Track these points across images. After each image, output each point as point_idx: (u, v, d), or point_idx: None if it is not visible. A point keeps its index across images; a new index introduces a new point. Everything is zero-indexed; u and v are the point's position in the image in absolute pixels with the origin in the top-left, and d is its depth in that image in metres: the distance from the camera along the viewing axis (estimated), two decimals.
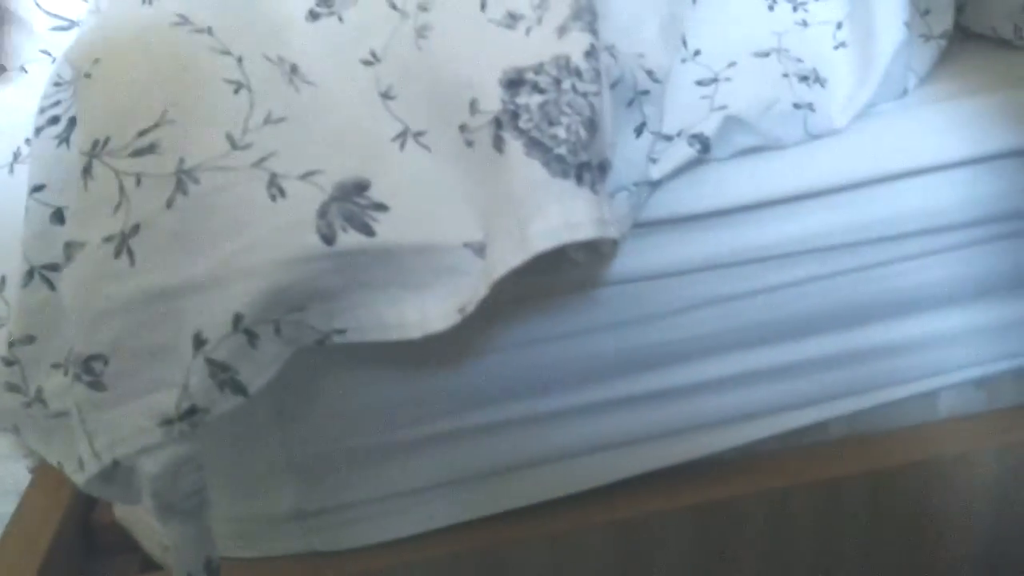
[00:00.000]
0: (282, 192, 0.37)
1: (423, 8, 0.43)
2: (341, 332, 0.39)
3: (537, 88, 0.39)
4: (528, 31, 0.42)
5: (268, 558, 0.48)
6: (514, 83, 0.39)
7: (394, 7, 0.44)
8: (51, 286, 0.41)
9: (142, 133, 0.37)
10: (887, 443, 0.54)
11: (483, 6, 0.43)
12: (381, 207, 0.38)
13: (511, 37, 0.42)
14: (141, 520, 0.50)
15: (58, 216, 0.41)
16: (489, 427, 0.48)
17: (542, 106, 0.38)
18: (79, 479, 0.38)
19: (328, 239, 0.37)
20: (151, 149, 0.37)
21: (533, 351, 0.46)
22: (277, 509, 0.47)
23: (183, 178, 0.36)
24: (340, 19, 0.44)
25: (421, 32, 0.42)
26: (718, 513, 0.51)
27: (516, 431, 0.48)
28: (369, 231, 0.37)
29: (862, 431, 0.54)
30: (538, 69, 0.39)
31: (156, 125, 0.37)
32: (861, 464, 0.52)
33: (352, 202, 0.38)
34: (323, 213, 0.37)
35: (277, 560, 0.48)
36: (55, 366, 0.42)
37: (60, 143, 0.41)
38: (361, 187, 0.38)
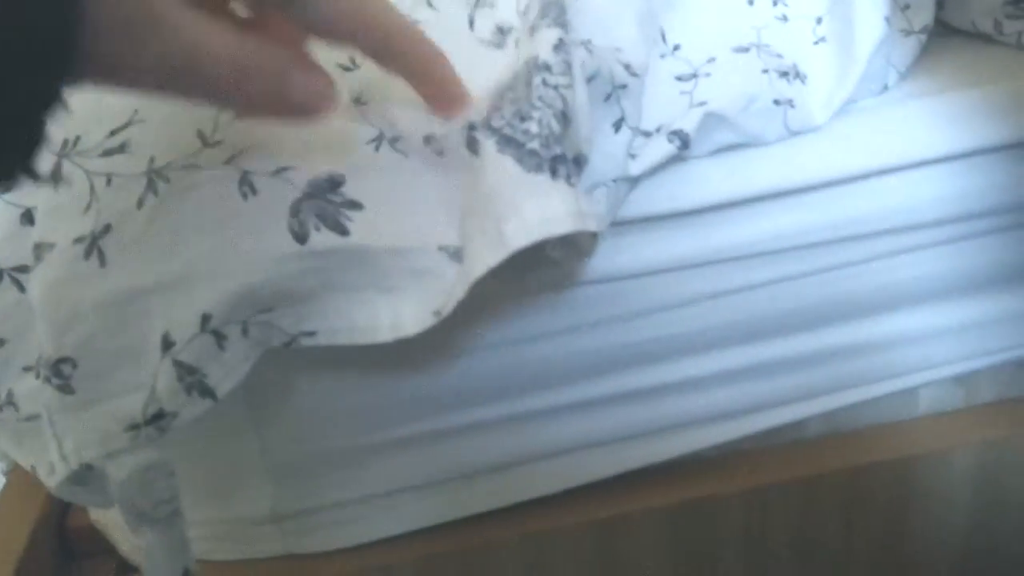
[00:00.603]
0: (254, 190, 0.36)
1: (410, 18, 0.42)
2: (311, 334, 0.38)
3: (514, 96, 0.38)
4: (517, 43, 0.41)
5: (244, 561, 0.48)
6: (496, 105, 0.38)
7: None
8: (21, 288, 0.40)
9: (113, 133, 0.37)
10: (865, 440, 0.54)
11: (471, 23, 0.42)
12: (355, 205, 0.37)
13: (500, 59, 0.41)
14: (117, 523, 0.50)
15: (28, 217, 0.40)
16: (467, 428, 0.47)
17: (514, 104, 0.38)
18: (51, 483, 0.37)
19: (301, 238, 0.36)
20: (121, 149, 0.36)
21: (510, 352, 0.46)
22: (253, 511, 0.47)
23: (154, 178, 0.36)
24: None
25: None
26: (696, 512, 0.51)
27: (493, 432, 0.48)
28: (343, 230, 0.37)
29: (841, 428, 0.54)
30: (515, 79, 0.38)
31: (127, 124, 0.37)
32: (840, 461, 0.52)
33: (326, 199, 0.37)
34: (296, 211, 0.36)
35: (253, 563, 0.48)
36: (26, 369, 0.42)
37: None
38: (335, 183, 0.37)
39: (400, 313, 0.38)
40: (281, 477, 0.46)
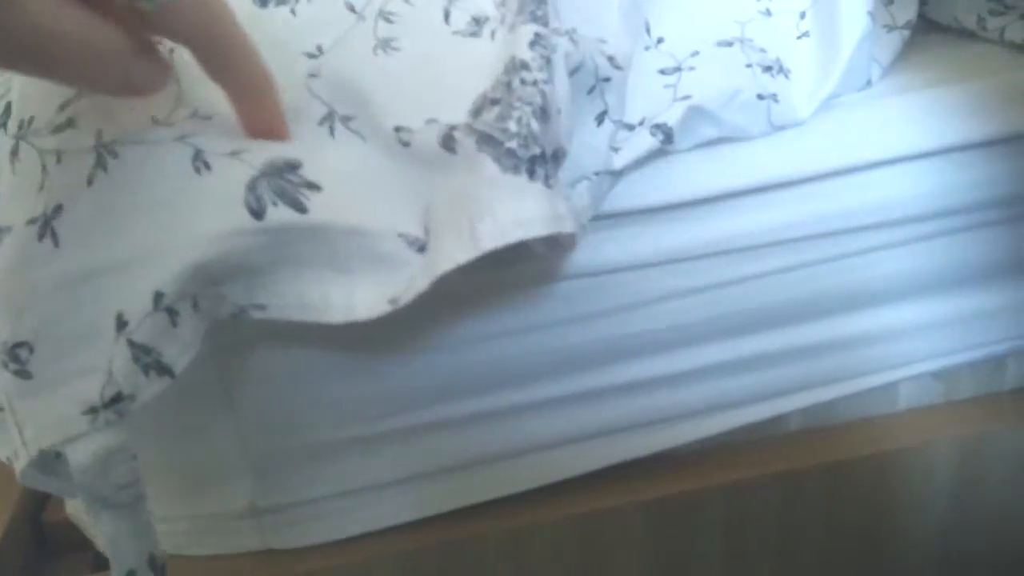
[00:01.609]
0: (208, 166, 0.36)
1: (386, 19, 0.42)
2: (261, 307, 0.37)
3: (494, 101, 0.38)
4: (493, 34, 0.41)
5: (221, 556, 0.47)
6: (479, 109, 0.38)
7: (352, 9, 0.42)
8: None
9: (62, 107, 0.36)
10: (845, 435, 0.54)
11: (447, 16, 0.42)
12: (313, 186, 0.36)
13: (476, 51, 0.40)
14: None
15: None
16: (449, 422, 0.47)
17: (496, 107, 0.37)
18: (16, 474, 0.36)
19: (257, 213, 0.35)
20: (70, 123, 0.35)
21: (493, 345, 0.46)
22: (231, 506, 0.46)
23: (102, 153, 0.35)
24: (293, 12, 0.42)
25: (384, 44, 0.41)
26: (676, 507, 0.51)
27: (475, 426, 0.48)
28: (301, 207, 0.36)
29: (821, 423, 0.54)
30: (496, 86, 0.38)
31: (74, 98, 0.36)
32: (819, 456, 0.52)
33: (283, 178, 0.36)
34: (252, 187, 0.35)
35: (231, 558, 0.47)
36: None
37: None
38: (292, 166, 0.36)
39: (354, 295, 0.38)
40: (260, 471, 0.46)
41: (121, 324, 0.34)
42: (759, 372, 0.51)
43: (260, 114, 0.37)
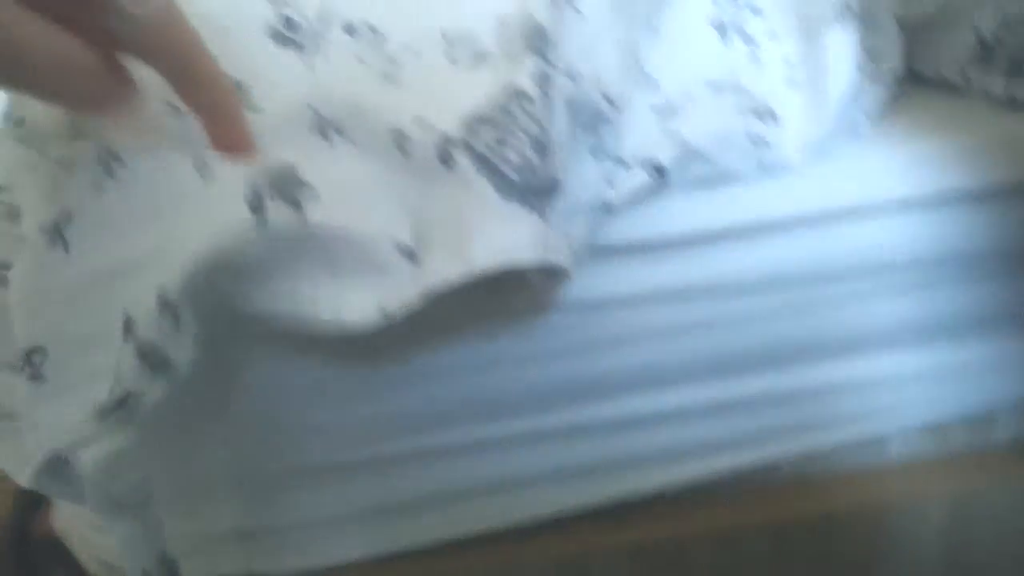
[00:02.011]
0: (211, 170, 0.37)
1: (392, 63, 0.44)
2: (248, 300, 0.38)
3: (492, 123, 0.39)
4: (491, 62, 0.43)
5: None
6: (472, 127, 0.39)
7: (362, 61, 0.44)
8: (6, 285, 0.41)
9: (69, 117, 0.38)
10: (837, 486, 0.53)
11: (453, 60, 0.43)
12: (310, 188, 0.38)
13: (474, 79, 0.42)
14: (79, 533, 0.49)
15: (12, 214, 0.41)
16: (435, 452, 0.47)
17: (493, 129, 0.39)
18: (26, 475, 0.37)
19: (256, 209, 0.36)
20: (77, 133, 0.37)
21: (480, 376, 0.46)
22: (216, 528, 0.46)
23: (109, 161, 0.37)
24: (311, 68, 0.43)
25: (387, 77, 0.43)
26: (662, 552, 0.50)
27: (463, 457, 0.48)
28: (298, 206, 0.37)
29: (811, 474, 0.54)
30: (492, 106, 0.39)
31: None
32: (810, 507, 0.52)
33: (282, 179, 0.37)
34: (252, 185, 0.37)
35: None
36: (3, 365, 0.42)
37: (19, 143, 0.42)
38: (290, 169, 0.38)
39: (344, 300, 0.38)
40: (248, 493, 0.46)
41: (128, 326, 0.36)
42: (744, 415, 0.50)
43: (228, 132, 0.38)
